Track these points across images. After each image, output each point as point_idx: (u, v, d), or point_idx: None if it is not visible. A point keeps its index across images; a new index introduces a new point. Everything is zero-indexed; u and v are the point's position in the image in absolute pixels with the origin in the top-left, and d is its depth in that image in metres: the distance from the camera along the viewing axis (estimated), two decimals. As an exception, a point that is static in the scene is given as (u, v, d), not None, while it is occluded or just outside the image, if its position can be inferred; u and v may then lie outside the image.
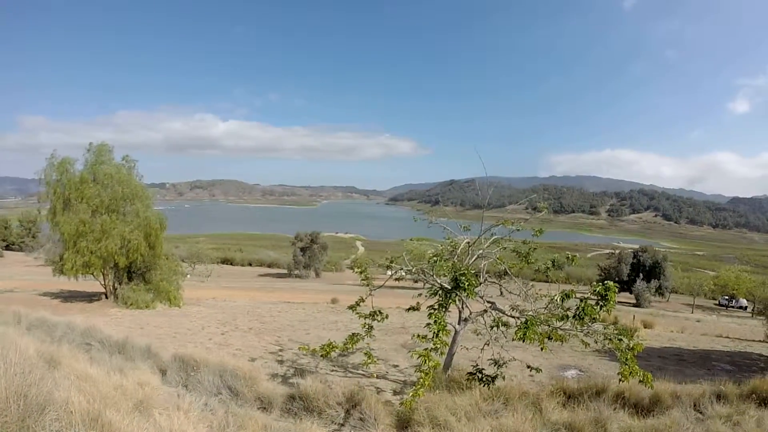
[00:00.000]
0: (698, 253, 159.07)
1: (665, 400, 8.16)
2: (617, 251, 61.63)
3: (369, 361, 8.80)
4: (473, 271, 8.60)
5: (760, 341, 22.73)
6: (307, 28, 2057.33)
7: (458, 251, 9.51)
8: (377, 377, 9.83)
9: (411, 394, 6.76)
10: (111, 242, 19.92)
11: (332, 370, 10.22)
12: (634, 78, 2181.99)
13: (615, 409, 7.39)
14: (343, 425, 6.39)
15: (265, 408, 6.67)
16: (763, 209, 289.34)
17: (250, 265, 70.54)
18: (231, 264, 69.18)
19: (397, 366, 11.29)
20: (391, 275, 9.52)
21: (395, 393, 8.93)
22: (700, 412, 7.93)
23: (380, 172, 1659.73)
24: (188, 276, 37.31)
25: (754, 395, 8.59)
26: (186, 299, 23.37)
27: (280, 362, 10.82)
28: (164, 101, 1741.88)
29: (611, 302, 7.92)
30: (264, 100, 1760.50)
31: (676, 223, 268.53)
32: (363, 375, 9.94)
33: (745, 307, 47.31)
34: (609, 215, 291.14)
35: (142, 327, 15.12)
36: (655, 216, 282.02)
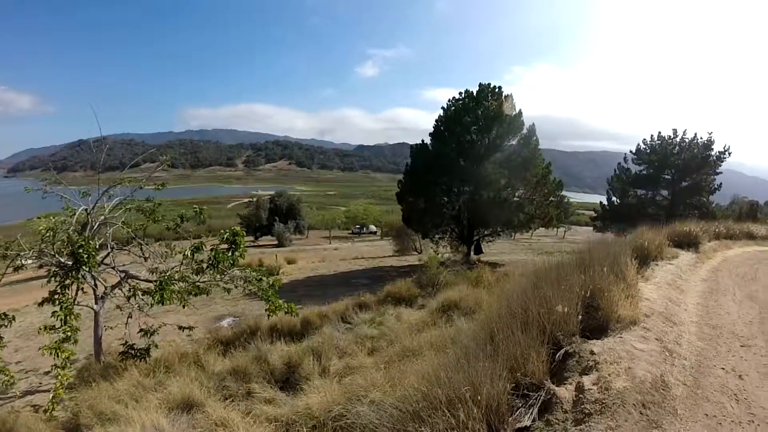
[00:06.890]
0: (330, 193, 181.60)
1: (315, 321, 9.41)
2: (255, 199, 64.85)
3: (6, 378, 7.30)
4: (99, 241, 7.66)
5: (389, 257, 27.92)
6: None
7: (74, 221, 8.16)
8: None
9: (50, 399, 6.07)
10: None
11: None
12: (275, 39, 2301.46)
13: (272, 342, 8.04)
14: (2, 468, 5.27)
15: None
16: (384, 154, 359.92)
17: None
18: None
19: (50, 371, 9.46)
20: (9, 266, 7.76)
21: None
22: (348, 323, 9.43)
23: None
24: None
25: (389, 297, 11.10)
26: None
27: None
28: None
29: (241, 246, 8.22)
30: None
31: (308, 169, 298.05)
32: (14, 396, 7.97)
33: (375, 232, 56.54)
34: (246, 166, 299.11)
35: None
36: (290, 164, 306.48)
